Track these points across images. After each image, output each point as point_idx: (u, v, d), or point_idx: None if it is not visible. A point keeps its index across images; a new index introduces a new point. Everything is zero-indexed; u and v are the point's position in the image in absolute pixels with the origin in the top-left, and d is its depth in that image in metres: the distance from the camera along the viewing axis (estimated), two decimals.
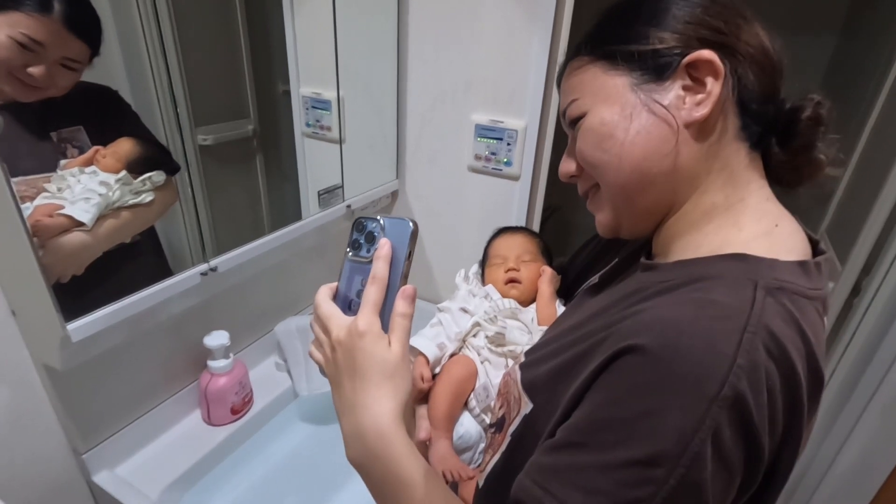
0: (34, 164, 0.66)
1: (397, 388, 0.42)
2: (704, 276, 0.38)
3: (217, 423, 0.93)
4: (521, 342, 0.60)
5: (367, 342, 0.42)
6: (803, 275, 0.38)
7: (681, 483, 0.31)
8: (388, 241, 0.46)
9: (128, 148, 0.72)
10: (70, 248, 0.66)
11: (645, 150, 0.42)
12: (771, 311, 0.34)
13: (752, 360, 0.32)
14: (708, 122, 0.41)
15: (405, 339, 0.44)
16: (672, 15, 0.42)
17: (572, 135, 0.49)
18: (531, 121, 1.02)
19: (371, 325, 0.43)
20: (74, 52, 0.64)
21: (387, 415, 0.41)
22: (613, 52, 0.44)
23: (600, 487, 0.33)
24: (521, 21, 0.97)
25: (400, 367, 0.43)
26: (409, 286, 0.46)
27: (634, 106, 0.43)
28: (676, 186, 0.43)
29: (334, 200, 1.09)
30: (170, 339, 0.89)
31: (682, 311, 0.35)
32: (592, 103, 0.45)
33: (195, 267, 0.81)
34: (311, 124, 1.08)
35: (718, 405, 0.31)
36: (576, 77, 0.47)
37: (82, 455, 0.79)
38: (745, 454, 0.32)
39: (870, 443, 1.02)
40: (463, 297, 0.69)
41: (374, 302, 0.43)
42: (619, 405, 0.34)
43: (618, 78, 0.44)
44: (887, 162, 0.94)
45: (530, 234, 0.76)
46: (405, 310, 0.44)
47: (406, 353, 0.44)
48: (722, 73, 0.40)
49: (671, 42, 0.42)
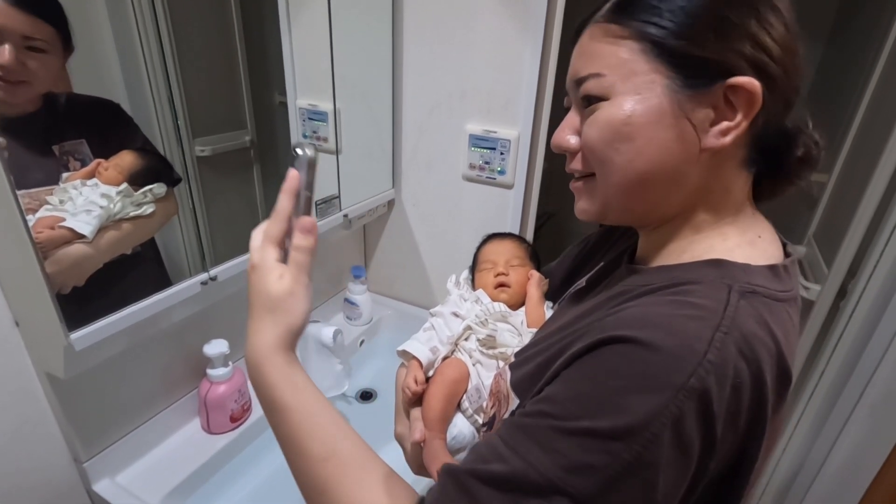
0: (38, 178, 0.67)
1: (276, 322, 0.44)
2: (684, 280, 0.40)
3: (216, 430, 0.93)
4: (512, 344, 0.61)
5: (256, 275, 0.45)
6: (774, 278, 0.40)
7: (635, 460, 0.33)
8: (294, 174, 0.45)
9: (129, 160, 0.73)
10: (71, 260, 0.67)
11: (658, 162, 0.41)
12: (744, 314, 0.36)
13: (722, 357, 0.33)
14: (724, 150, 0.40)
15: (297, 272, 0.44)
16: (735, 24, 0.38)
17: (578, 105, 0.45)
18: (524, 130, 1.05)
19: (263, 259, 0.45)
20: (31, 30, 0.62)
21: (261, 346, 0.44)
22: (665, 43, 0.39)
23: (558, 448, 0.35)
24: (514, 32, 0.99)
25: (283, 301, 0.44)
26: (306, 218, 0.45)
27: (664, 114, 0.40)
28: (675, 199, 0.43)
29: (331, 210, 1.11)
30: (170, 347, 0.90)
31: (661, 311, 0.37)
32: (621, 90, 0.40)
33: (195, 276, 0.83)
34: (308, 135, 1.10)
35: (684, 394, 0.32)
36: (608, 47, 0.41)
37: (83, 464, 0.79)
38: (700, 445, 0.34)
39: (860, 441, 1.04)
40: (454, 302, 0.70)
41: (269, 236, 0.45)
42: (591, 382, 0.36)
43: (657, 74, 0.39)
44: (870, 167, 0.97)
45: (518, 240, 0.78)
46: (299, 242, 0.45)
47: (298, 286, 0.44)
48: (757, 109, 0.39)
49: (725, 55, 0.38)
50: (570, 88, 0.45)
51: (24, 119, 0.65)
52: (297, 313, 0.44)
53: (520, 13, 0.97)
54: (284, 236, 0.46)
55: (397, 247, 1.34)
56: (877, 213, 0.97)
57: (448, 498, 0.38)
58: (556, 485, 0.34)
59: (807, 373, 1.14)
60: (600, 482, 0.33)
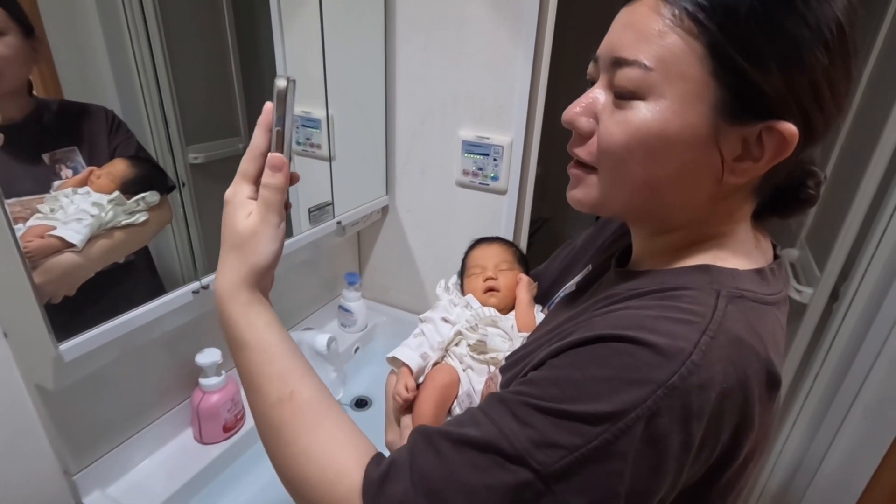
0: (29, 186, 0.66)
1: (241, 260, 0.44)
2: (673, 285, 0.40)
3: (209, 441, 0.92)
4: (503, 349, 0.61)
5: (227, 211, 0.45)
6: (762, 282, 0.40)
7: (604, 446, 0.33)
8: (269, 107, 0.43)
9: (122, 168, 0.73)
10: (61, 269, 0.67)
11: (675, 183, 0.39)
12: (731, 318, 0.36)
13: (707, 360, 0.33)
14: (740, 184, 0.39)
15: (264, 210, 0.44)
16: (805, 66, 0.34)
17: (606, 85, 0.40)
18: (517, 136, 1.05)
19: (234, 194, 0.45)
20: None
21: (225, 283, 0.44)
22: (732, 59, 0.34)
23: (533, 423, 0.35)
24: (506, 38, 1.00)
25: (249, 239, 0.43)
26: (274, 154, 0.44)
27: (699, 137, 0.37)
28: (680, 216, 0.42)
29: (325, 217, 1.10)
30: (161, 357, 0.89)
31: (649, 313, 0.37)
32: (663, 94, 0.36)
33: (187, 285, 0.82)
34: (301, 142, 1.10)
35: (664, 391, 0.32)
36: (666, 39, 0.36)
37: (73, 476, 0.78)
38: (677, 445, 0.33)
39: (855, 443, 1.04)
40: (444, 308, 0.70)
41: (242, 172, 0.45)
42: (575, 369, 0.36)
43: (707, 89, 0.35)
44: (860, 169, 0.98)
45: (506, 244, 0.78)
46: (267, 180, 0.44)
47: (265, 226, 0.43)
48: (785, 156, 0.37)
49: (782, 94, 0.35)
50: (605, 63, 0.40)
51: (13, 127, 0.65)
52: (261, 253, 0.44)
53: (511, 19, 0.98)
54: (259, 173, 0.45)
55: (391, 253, 1.34)
56: (868, 215, 0.98)
57: (414, 451, 0.38)
58: (523, 457, 0.34)
59: (801, 376, 1.14)
60: (566, 463, 0.33)
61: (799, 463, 1.15)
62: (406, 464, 0.37)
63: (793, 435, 1.17)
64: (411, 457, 0.38)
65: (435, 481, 0.36)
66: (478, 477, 0.35)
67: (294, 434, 0.41)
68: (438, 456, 0.37)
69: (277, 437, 0.41)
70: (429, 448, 0.37)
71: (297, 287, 1.15)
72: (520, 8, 0.96)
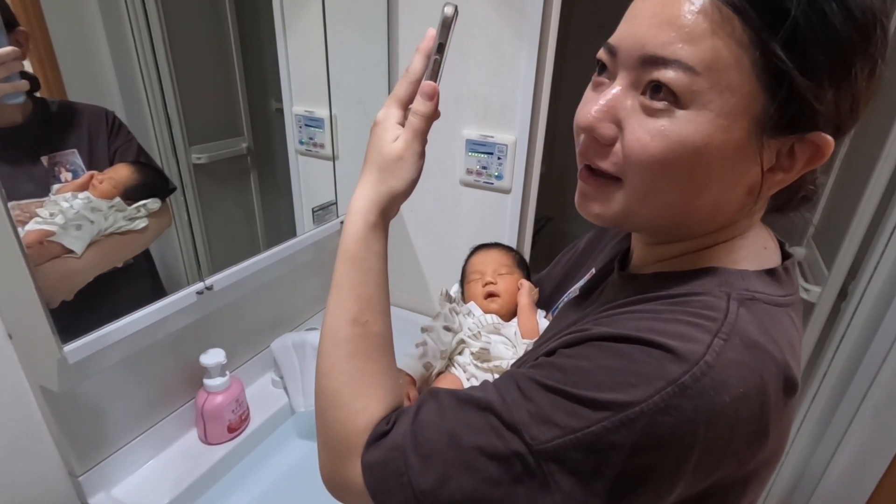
0: (28, 189, 0.66)
1: (381, 180, 0.44)
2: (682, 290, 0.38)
3: (214, 441, 0.92)
4: (506, 356, 0.61)
5: (376, 131, 0.46)
6: (773, 283, 0.39)
7: (601, 434, 0.32)
8: (431, 33, 0.44)
9: (125, 174, 0.72)
10: (59, 274, 0.66)
11: (711, 199, 0.36)
12: (743, 321, 0.35)
13: (721, 363, 0.32)
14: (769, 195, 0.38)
15: (410, 137, 0.44)
16: (853, 79, 0.32)
17: (630, 85, 0.35)
18: (521, 134, 1.04)
19: (386, 116, 0.45)
20: None
21: (360, 199, 0.45)
22: (786, 71, 0.31)
23: (535, 398, 0.35)
24: (509, 37, 0.99)
25: (393, 163, 0.44)
26: (427, 83, 0.44)
27: (742, 154, 0.34)
28: (704, 227, 0.40)
29: (328, 217, 1.10)
30: (166, 358, 0.89)
31: (658, 318, 0.36)
32: (707, 104, 0.32)
33: (191, 286, 0.82)
34: (305, 142, 1.10)
35: (674, 389, 0.31)
36: (713, 40, 0.31)
37: (78, 477, 0.78)
38: (680, 445, 0.32)
39: (864, 443, 1.03)
40: (446, 316, 0.70)
41: (396, 96, 0.46)
42: (585, 359, 0.36)
43: (755, 101, 0.32)
44: (868, 168, 0.97)
45: (505, 249, 0.78)
46: (417, 107, 0.44)
47: (409, 152, 0.44)
48: (817, 168, 0.36)
49: (828, 107, 0.33)
50: (630, 59, 0.34)
51: (12, 130, 0.64)
52: (401, 178, 0.44)
53: (515, 18, 0.97)
54: (410, 99, 0.45)
55: (395, 253, 1.34)
56: (876, 213, 0.97)
57: (421, 403, 0.40)
58: (518, 428, 0.34)
59: (809, 375, 1.13)
60: (559, 443, 0.33)
61: (806, 464, 1.14)
62: (412, 413, 0.40)
63: (800, 436, 1.16)
64: (417, 408, 0.40)
65: (429, 430, 0.37)
66: (471, 436, 0.36)
67: (350, 354, 0.43)
68: (440, 410, 0.38)
69: (335, 348, 0.43)
70: (434, 402, 0.39)
71: (300, 287, 1.15)
72: (523, 6, 0.95)
